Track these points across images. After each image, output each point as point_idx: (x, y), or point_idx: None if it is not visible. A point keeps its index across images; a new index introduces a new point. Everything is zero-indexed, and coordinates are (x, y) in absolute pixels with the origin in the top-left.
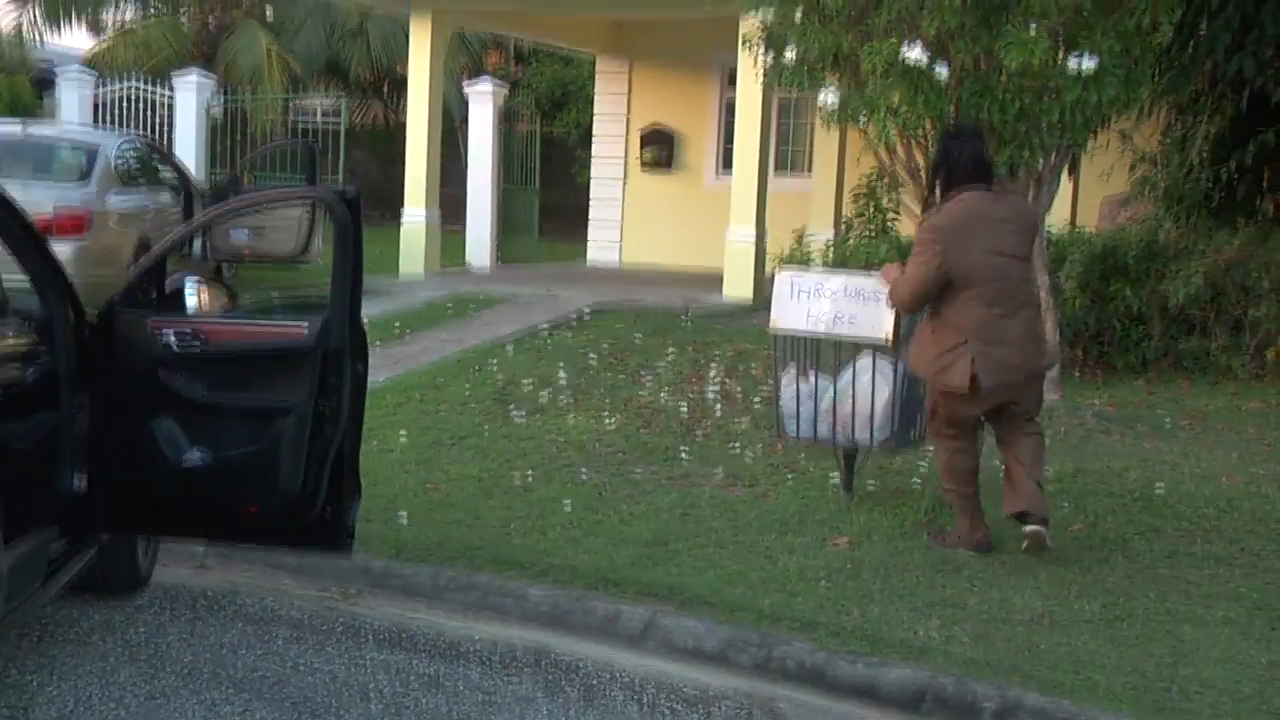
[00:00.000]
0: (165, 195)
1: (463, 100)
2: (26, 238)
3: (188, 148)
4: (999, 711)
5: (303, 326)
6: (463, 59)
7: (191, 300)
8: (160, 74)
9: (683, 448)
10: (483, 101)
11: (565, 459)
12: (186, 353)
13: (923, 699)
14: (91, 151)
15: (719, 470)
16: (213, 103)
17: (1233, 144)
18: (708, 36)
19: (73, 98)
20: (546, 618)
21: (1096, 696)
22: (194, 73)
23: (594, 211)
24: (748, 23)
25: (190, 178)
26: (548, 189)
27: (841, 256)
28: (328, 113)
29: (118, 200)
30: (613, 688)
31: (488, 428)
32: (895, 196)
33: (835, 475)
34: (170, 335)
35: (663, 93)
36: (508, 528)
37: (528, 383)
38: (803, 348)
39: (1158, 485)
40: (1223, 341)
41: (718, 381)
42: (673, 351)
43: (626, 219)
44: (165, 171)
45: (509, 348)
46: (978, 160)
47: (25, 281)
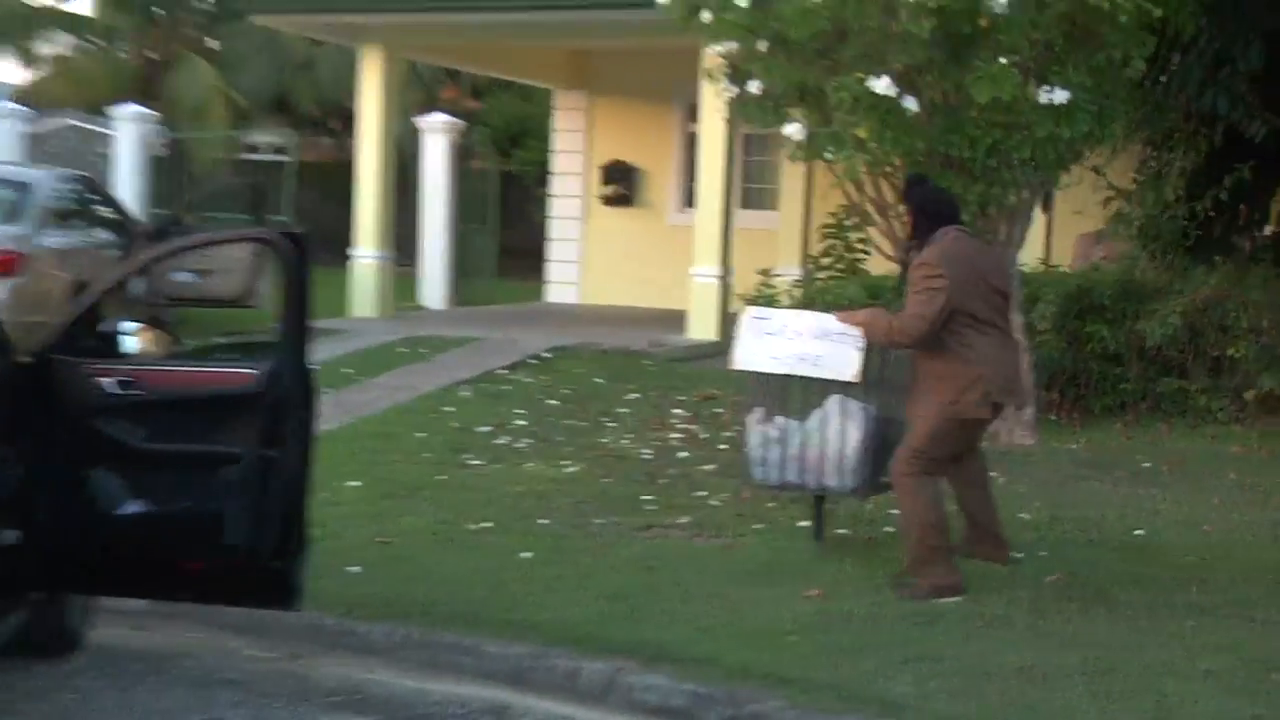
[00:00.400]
0: (103, 234)
1: (416, 136)
2: None
3: (127, 185)
4: None
5: (251, 371)
6: (416, 93)
7: (130, 344)
8: (99, 109)
9: (646, 496)
10: (437, 137)
11: (524, 509)
12: (126, 399)
13: None
14: (23, 188)
15: (684, 519)
16: (154, 139)
17: (1208, 180)
18: (669, 69)
19: (3, 132)
20: (505, 675)
21: None
22: (134, 107)
23: (553, 250)
24: (710, 55)
25: (130, 216)
26: (505, 228)
27: (809, 295)
28: (275, 149)
29: (52, 240)
30: None
31: (443, 477)
32: (864, 234)
33: (805, 523)
34: (109, 381)
35: (623, 127)
36: (464, 581)
37: (484, 429)
38: (771, 389)
39: (1137, 532)
40: (1202, 383)
41: (682, 426)
42: (635, 395)
43: (586, 257)
44: (103, 210)
45: (465, 392)
46: (954, 202)
47: None
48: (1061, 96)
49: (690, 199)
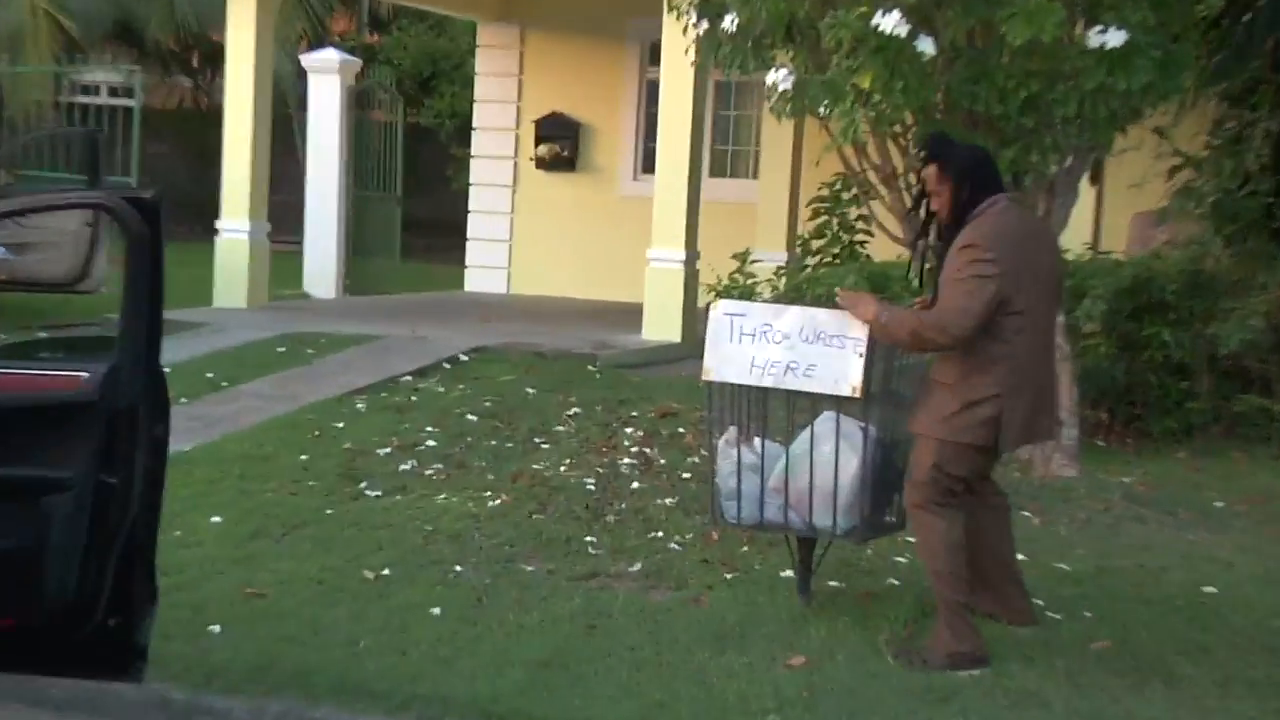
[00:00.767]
0: None
1: (300, 79)
2: None
3: None
4: None
5: (81, 375)
6: (300, 25)
7: None
8: None
9: (589, 536)
10: (327, 81)
11: (434, 552)
12: None
13: None
14: None
15: (636, 566)
16: None
17: None
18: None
19: None
20: None
21: None
22: None
23: (474, 226)
24: None
25: None
26: (414, 196)
27: (796, 286)
28: (117, 91)
29: None
30: None
31: (331, 511)
32: (865, 210)
33: (787, 572)
34: None
35: (565, 72)
36: (357, 645)
37: (384, 451)
38: (746, 405)
39: (1206, 589)
40: None
41: (635, 449)
42: (576, 409)
43: (517, 236)
44: None
45: (360, 405)
46: (996, 165)
47: None
48: (1117, 39)
49: (648, 163)
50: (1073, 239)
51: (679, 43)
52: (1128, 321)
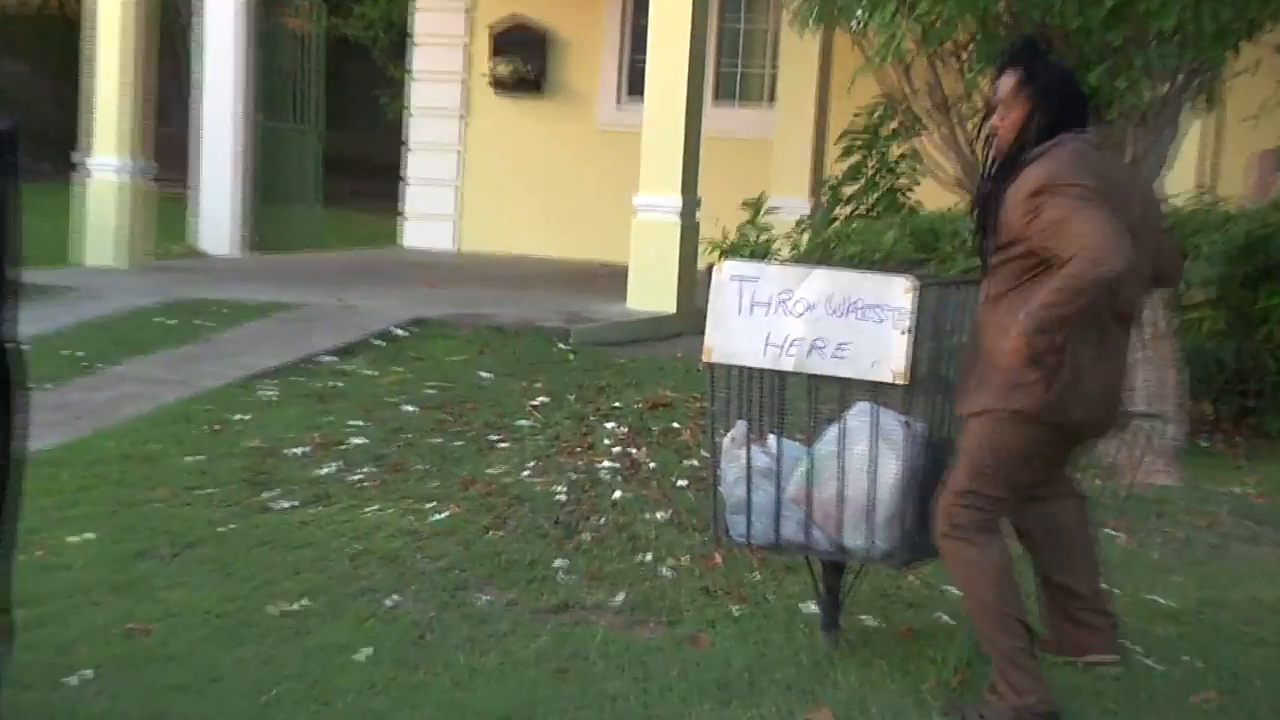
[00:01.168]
0: None
1: None
2: None
3: None
4: None
5: None
6: None
7: None
8: None
9: (560, 560)
10: None
11: (365, 578)
12: None
13: None
14: None
15: (619, 596)
16: None
17: None
18: None
19: None
20: None
21: None
22: None
23: (415, 166)
24: None
25: None
26: (339, 129)
27: (823, 243)
28: None
29: None
30: None
31: (231, 526)
32: (910, 147)
33: (809, 606)
34: None
35: None
36: (264, 695)
37: (299, 451)
38: (759, 394)
39: None
40: None
41: (618, 450)
42: (543, 399)
43: (469, 179)
44: None
45: (268, 391)
46: (1084, 98)
47: None
48: None
49: (635, 86)
50: (1174, 184)
51: None
52: (1240, 290)
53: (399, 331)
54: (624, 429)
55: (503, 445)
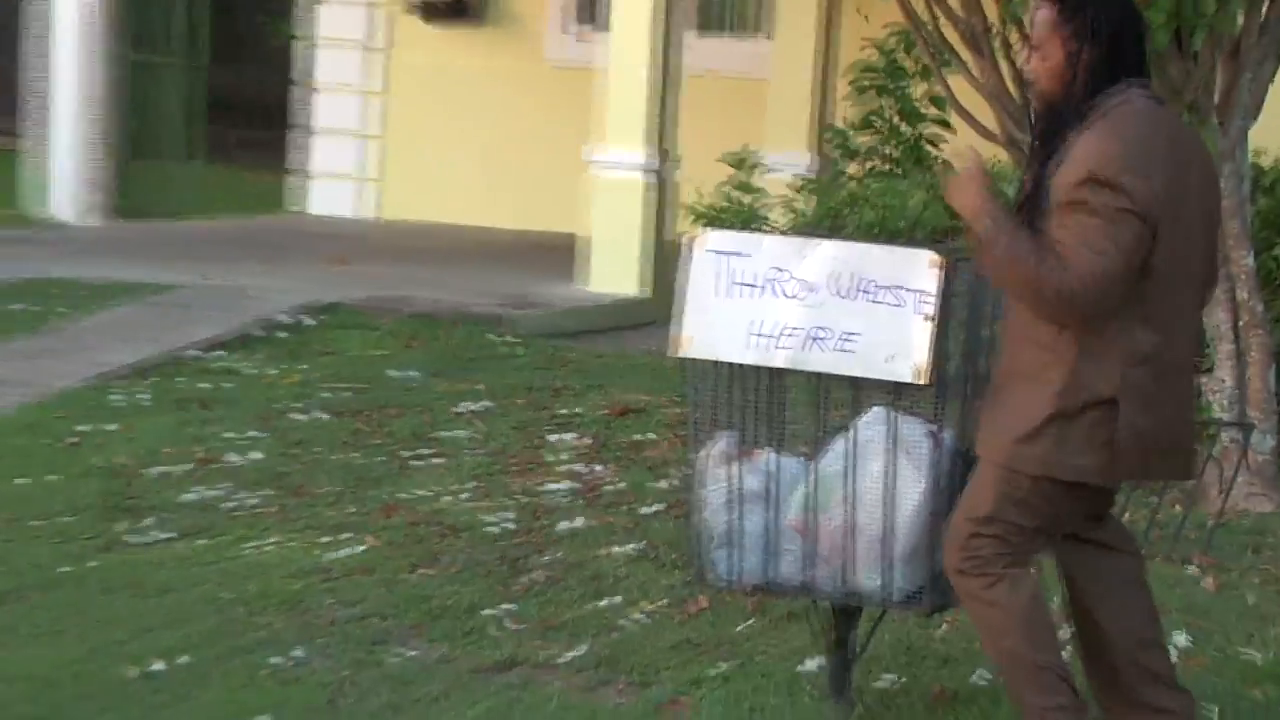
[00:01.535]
0: None
1: None
2: None
3: None
4: None
5: None
6: None
7: None
8: None
9: (505, 604)
10: None
11: (258, 628)
12: None
13: None
14: None
15: (578, 650)
16: None
17: None
18: None
19: None
20: None
21: None
22: None
23: (321, 112)
24: None
25: None
26: (225, 63)
27: (831, 210)
28: None
29: None
30: None
31: (93, 564)
32: (940, 87)
33: (814, 663)
34: None
35: None
36: None
37: (177, 470)
38: (749, 397)
39: None
40: None
41: (576, 468)
42: (482, 403)
43: (390, 128)
44: None
45: (140, 395)
46: (1141, 34)
47: None
48: None
49: (593, 13)
50: (1268, 138)
51: None
52: None
53: (303, 320)
54: (584, 441)
55: (434, 462)
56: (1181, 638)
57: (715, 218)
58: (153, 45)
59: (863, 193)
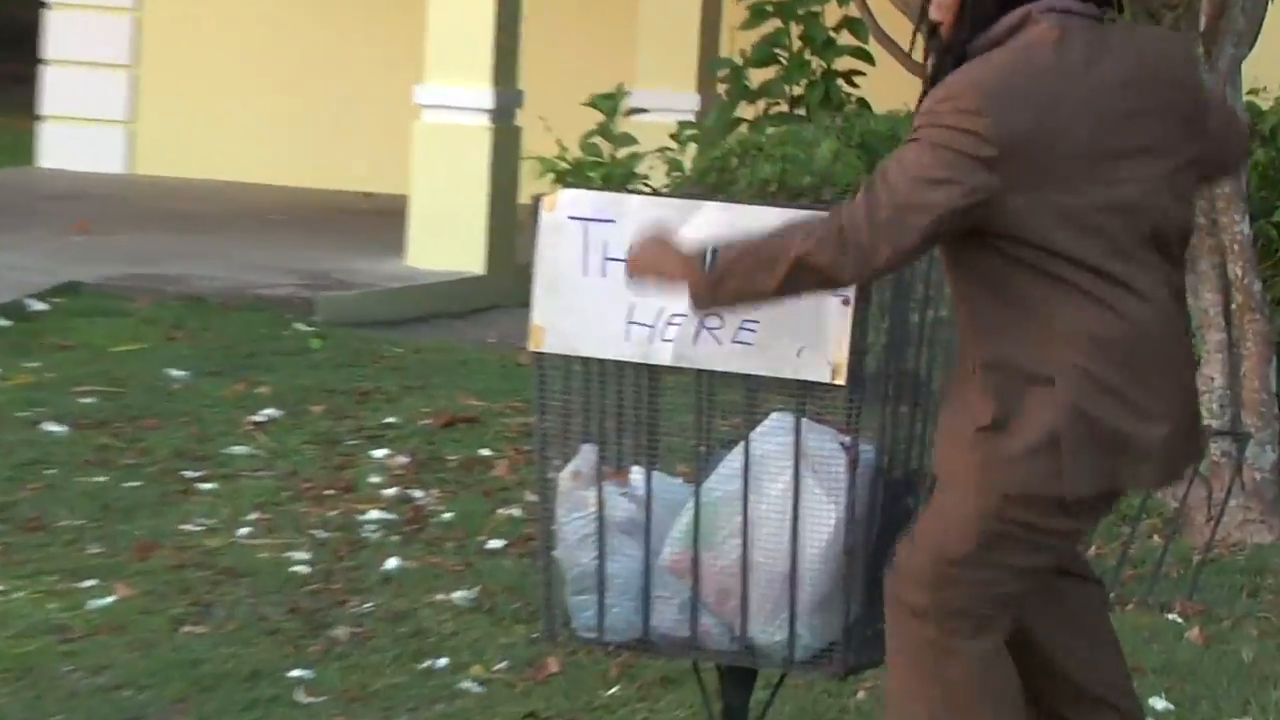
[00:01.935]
0: None
1: None
2: None
3: None
4: None
5: None
6: None
7: None
8: None
9: (299, 670)
10: None
11: None
12: None
13: None
14: None
15: None
16: None
17: None
18: None
19: None
20: None
21: None
22: None
23: (55, 40)
24: None
25: None
26: None
27: (719, 160)
28: None
29: None
30: None
31: None
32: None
33: None
34: None
35: None
36: None
37: None
38: (616, 403)
39: None
40: None
41: (393, 492)
42: (272, 413)
43: (146, 60)
44: None
45: None
46: None
47: None
48: None
49: None
50: (1268, 70)
51: None
52: None
53: (33, 305)
54: (402, 459)
55: (204, 487)
56: (1160, 703)
57: (572, 174)
58: None
59: (758, 140)
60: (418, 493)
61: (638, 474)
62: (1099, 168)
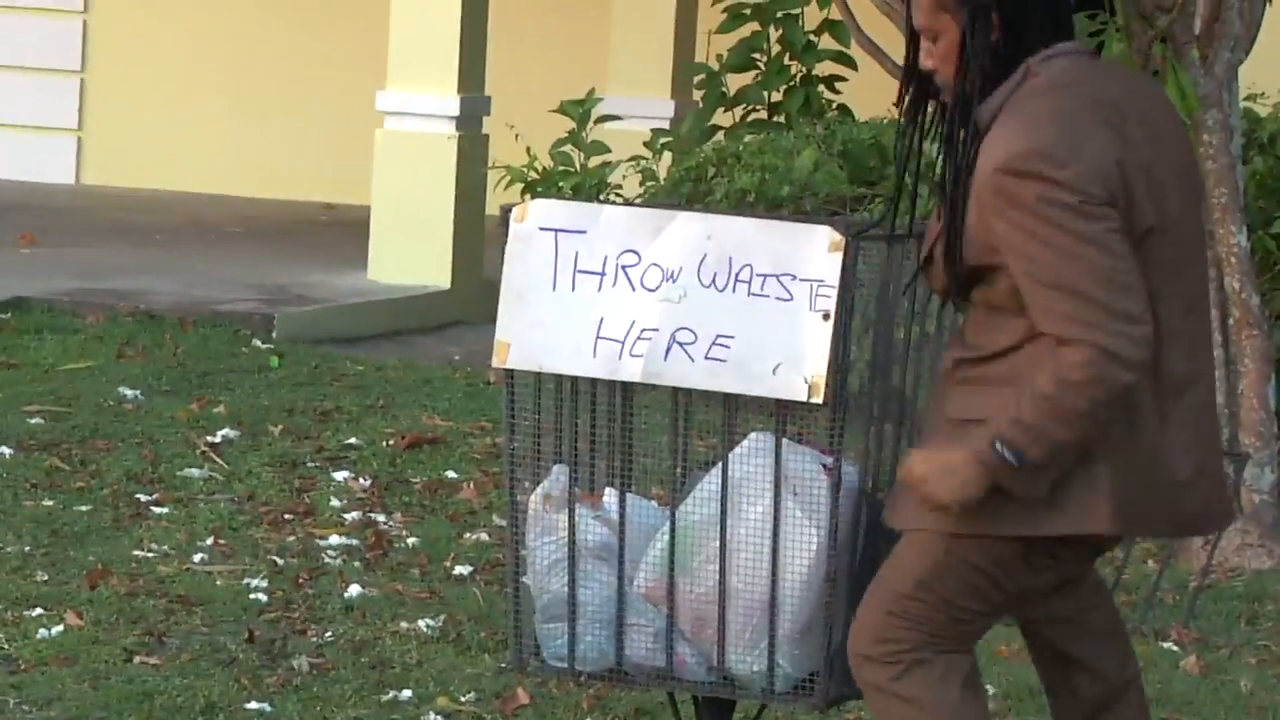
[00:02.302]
0: None
1: None
2: None
3: None
4: None
5: None
6: None
7: None
8: None
9: (255, 704)
10: None
11: None
12: None
13: None
14: None
15: None
16: None
17: None
18: None
19: None
20: None
21: None
22: None
23: None
24: None
25: None
26: None
27: (694, 169)
28: None
29: None
30: None
31: None
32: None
33: None
34: None
35: None
36: None
37: None
38: (588, 424)
39: None
40: None
41: (354, 517)
42: (225, 433)
43: (94, 63)
44: None
45: None
46: None
47: None
48: None
49: None
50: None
51: None
52: None
53: None
54: (364, 482)
55: (158, 511)
56: None
57: (542, 183)
58: None
59: (736, 149)
60: (380, 517)
61: (611, 496)
62: (1160, 193)
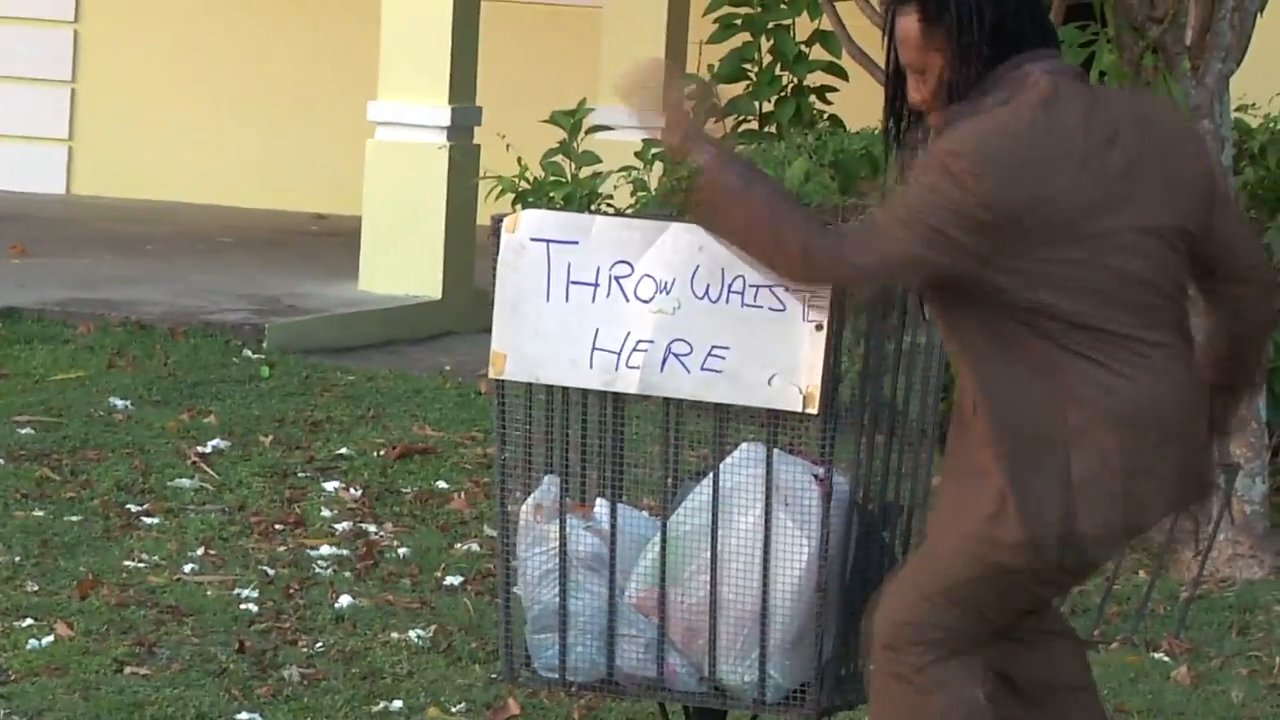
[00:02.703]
0: None
1: None
2: None
3: None
4: None
5: None
6: None
7: None
8: None
9: (247, 713)
10: None
11: None
12: None
13: None
14: None
15: None
16: None
17: None
18: None
19: None
20: None
21: None
22: None
23: None
24: None
25: None
26: None
27: (685, 180)
28: None
29: None
30: None
31: None
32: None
33: None
34: None
35: None
36: None
37: None
38: (580, 434)
39: None
40: None
41: (345, 527)
42: (215, 443)
43: (85, 73)
44: None
45: None
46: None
47: None
48: None
49: None
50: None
51: None
52: None
53: None
54: (355, 492)
55: (149, 522)
56: None
57: (533, 194)
58: None
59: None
60: (371, 527)
61: (602, 507)
62: (1094, 230)
